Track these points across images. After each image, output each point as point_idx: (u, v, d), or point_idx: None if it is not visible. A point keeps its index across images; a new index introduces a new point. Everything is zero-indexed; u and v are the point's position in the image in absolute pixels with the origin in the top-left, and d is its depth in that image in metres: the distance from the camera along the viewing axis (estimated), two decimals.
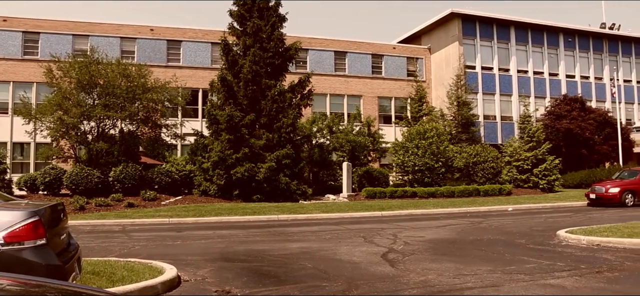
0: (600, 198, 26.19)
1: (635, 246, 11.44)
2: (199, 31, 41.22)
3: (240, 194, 27.81)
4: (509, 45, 47.87)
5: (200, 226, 18.71)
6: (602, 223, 15.74)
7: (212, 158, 27.53)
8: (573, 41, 50.75)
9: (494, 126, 46.65)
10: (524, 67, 48.44)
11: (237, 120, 28.03)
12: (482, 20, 46.63)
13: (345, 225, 18.33)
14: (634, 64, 53.99)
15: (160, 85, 30.65)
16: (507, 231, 15.43)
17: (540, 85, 48.93)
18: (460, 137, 41.18)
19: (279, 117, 29.35)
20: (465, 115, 42.17)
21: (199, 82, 39.56)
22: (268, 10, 30.90)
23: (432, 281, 8.23)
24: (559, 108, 44.22)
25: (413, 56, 47.99)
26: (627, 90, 52.50)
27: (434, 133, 34.20)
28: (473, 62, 46.01)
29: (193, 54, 40.72)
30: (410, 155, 33.69)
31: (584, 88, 50.34)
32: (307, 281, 8.52)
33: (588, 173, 40.14)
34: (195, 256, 11.23)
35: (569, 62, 50.69)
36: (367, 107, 44.54)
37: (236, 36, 31.10)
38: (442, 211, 24.07)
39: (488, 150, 37.19)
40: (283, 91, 30.25)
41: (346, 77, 44.86)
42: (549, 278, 8.30)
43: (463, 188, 32.31)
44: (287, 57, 31.20)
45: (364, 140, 36.17)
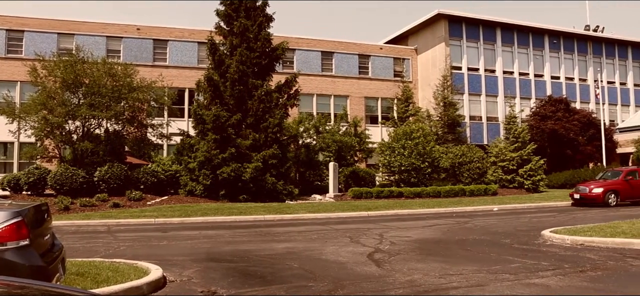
0: (584, 198, 26.43)
1: (617, 245, 11.55)
2: (185, 30, 41.06)
3: (226, 194, 27.75)
4: (495, 46, 48.15)
5: (186, 227, 18.64)
6: (585, 223, 15.88)
7: (198, 158, 27.44)
8: (558, 43, 51.17)
9: (479, 127, 46.89)
10: (510, 68, 48.75)
11: (223, 120, 27.95)
12: (468, 21, 46.86)
13: (331, 225, 18.34)
14: (617, 66, 54.57)
15: (146, 84, 30.49)
16: (493, 231, 15.51)
17: (525, 86, 49.26)
18: (446, 138, 41.34)
19: (265, 117, 29.32)
20: (452, 116, 42.35)
21: (185, 81, 39.40)
22: (255, 10, 30.85)
23: (418, 281, 8.26)
24: (544, 109, 44.55)
25: (400, 57, 48.12)
26: (610, 92, 53.02)
27: (420, 133, 34.30)
28: (459, 62, 46.23)
29: (179, 53, 40.55)
30: (397, 155, 33.77)
31: (569, 89, 50.77)
32: (293, 281, 8.52)
33: (572, 173, 40.50)
34: (181, 257, 11.19)
35: (554, 64, 51.10)
36: (353, 107, 44.60)
37: (223, 36, 31.03)
38: (428, 211, 24.16)
39: (474, 151, 37.39)
40: (270, 91, 30.22)
41: (333, 77, 44.89)
42: (534, 278, 8.36)
43: (449, 188, 32.45)
44: (274, 57, 31.17)
45: (351, 140, 36.21)
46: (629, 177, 27.11)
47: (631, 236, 11.94)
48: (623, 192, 26.54)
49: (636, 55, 55.71)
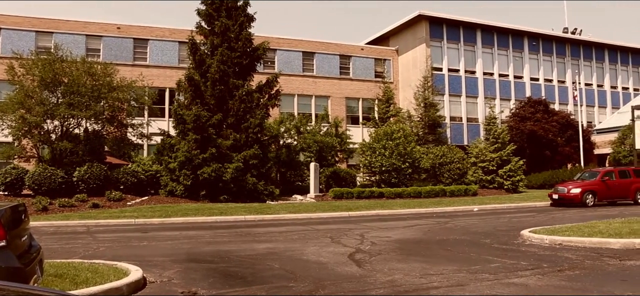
0: (563, 198, 26.74)
1: (594, 245, 11.70)
2: (166, 30, 40.81)
3: (207, 194, 27.64)
4: (475, 47, 48.52)
5: (167, 227, 18.54)
6: (564, 222, 16.06)
7: (179, 158, 27.29)
8: (537, 45, 51.72)
9: (460, 127, 47.22)
10: (490, 70, 49.15)
11: (204, 120, 27.84)
12: (449, 22, 47.16)
13: (312, 226, 18.35)
14: (595, 68, 55.35)
15: (126, 84, 30.29)
16: (473, 232, 15.62)
17: (505, 87, 49.72)
18: (427, 138, 41.56)
19: (246, 117, 29.25)
20: (432, 117, 42.58)
21: (165, 81, 39.17)
22: (236, 9, 30.77)
23: (399, 281, 8.30)
24: (524, 110, 44.97)
25: (381, 57, 48.27)
26: (588, 94, 53.75)
27: (401, 134, 34.43)
28: (440, 64, 46.50)
29: (160, 52, 40.29)
30: (378, 155, 33.88)
31: (548, 91, 51.35)
32: (274, 281, 8.52)
33: (551, 174, 40.96)
34: (161, 258, 11.13)
35: (533, 65, 51.64)
36: (334, 108, 44.65)
37: (204, 35, 30.90)
38: (409, 211, 24.27)
39: (454, 151, 37.62)
40: (251, 91, 30.16)
41: (314, 77, 44.90)
42: (513, 277, 8.44)
43: (429, 188, 32.62)
44: (255, 57, 31.11)
45: (332, 140, 36.25)
46: (606, 178, 27.49)
47: (608, 236, 12.10)
48: (600, 192, 26.91)
49: (612, 58, 56.60)
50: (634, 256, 10.28)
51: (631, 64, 57.90)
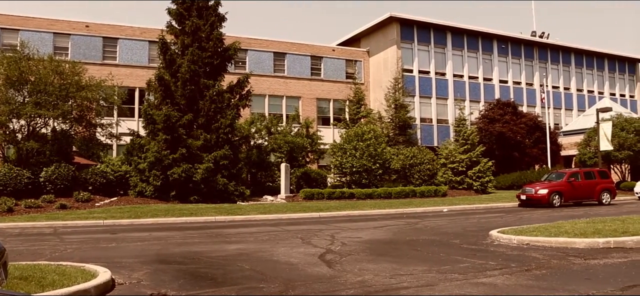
0: (530, 199, 27.16)
1: (560, 245, 11.92)
2: (136, 29, 40.37)
3: (177, 195, 27.44)
4: (446, 49, 49.01)
5: (136, 228, 18.36)
6: (531, 223, 16.28)
7: (149, 158, 27.04)
8: (506, 48, 52.48)
9: (430, 129, 47.62)
10: (460, 72, 49.70)
11: (174, 120, 27.64)
12: (419, 25, 47.55)
13: (283, 227, 18.35)
14: (562, 71, 56.40)
15: (95, 83, 29.89)
16: (442, 232, 15.77)
17: (475, 89, 50.32)
18: (397, 139, 41.81)
19: (217, 117, 29.12)
20: (403, 118, 42.86)
21: (135, 80, 38.76)
22: (207, 9, 30.60)
23: (369, 282, 8.34)
24: (493, 112, 45.54)
25: (352, 58, 48.44)
26: (555, 96, 54.74)
27: (371, 135, 34.59)
28: (411, 65, 46.85)
29: (130, 52, 39.84)
30: (348, 156, 33.99)
31: (516, 93, 52.13)
32: (245, 282, 8.49)
33: (519, 175, 41.57)
34: (130, 259, 11.02)
35: (502, 68, 52.36)
36: (305, 109, 44.67)
37: (174, 35, 30.67)
38: (379, 212, 24.40)
39: (424, 152, 37.89)
40: (221, 91, 30.03)
41: (285, 78, 44.87)
42: (482, 277, 8.55)
43: (400, 189, 32.82)
44: (226, 57, 30.99)
45: (303, 141, 36.26)
46: (572, 179, 28.01)
47: (573, 236, 12.33)
48: (566, 193, 27.42)
49: (578, 62, 57.75)
50: (598, 255, 10.50)
51: (596, 68, 59.18)
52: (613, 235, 12.12)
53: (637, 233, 12.20)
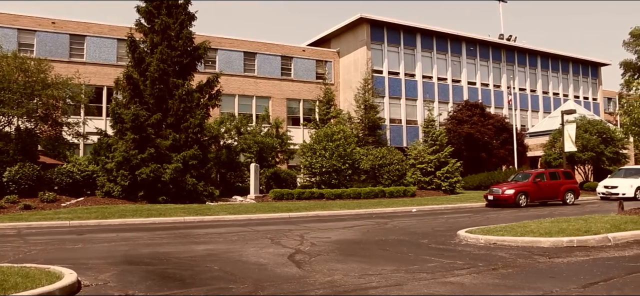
0: (497, 199, 27.55)
1: (526, 244, 12.13)
2: (104, 26, 39.81)
3: (145, 195, 27.18)
4: (415, 51, 49.40)
5: (103, 229, 18.13)
6: (498, 223, 16.50)
7: (117, 158, 26.72)
8: (474, 50, 53.13)
9: (399, 129, 47.95)
10: (429, 73, 50.14)
11: (143, 120, 27.37)
12: (389, 26, 47.83)
13: (252, 227, 18.31)
14: (528, 74, 57.36)
15: (61, 81, 29.39)
16: (411, 232, 15.90)
17: (443, 90, 50.84)
18: (367, 140, 42.01)
19: (186, 117, 28.93)
20: (372, 119, 43.07)
21: (103, 79, 38.24)
22: (177, 8, 30.37)
23: (338, 282, 8.39)
24: (461, 113, 46.04)
25: (322, 59, 48.53)
26: (522, 98, 55.62)
27: (341, 135, 34.71)
28: (380, 66, 47.11)
29: (98, 49, 39.26)
30: (318, 156, 34.05)
31: (484, 94, 52.81)
32: (213, 283, 8.47)
33: (487, 175, 42.13)
34: (97, 260, 10.88)
35: (470, 70, 53.00)
36: (275, 109, 44.61)
37: (144, 33, 30.36)
38: (348, 212, 24.50)
39: (393, 153, 38.14)
40: (191, 91, 29.84)
41: (255, 78, 44.75)
42: (450, 276, 8.66)
43: (369, 189, 33.00)
44: (195, 56, 30.79)
45: (272, 141, 36.21)
46: (538, 179, 28.51)
47: (539, 235, 12.57)
48: (532, 193, 27.88)
49: (544, 64, 58.83)
50: (562, 254, 10.73)
51: (561, 71, 60.35)
52: (576, 234, 12.41)
53: (599, 232, 12.51)
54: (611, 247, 11.64)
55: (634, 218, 15.03)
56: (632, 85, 20.59)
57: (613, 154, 41.68)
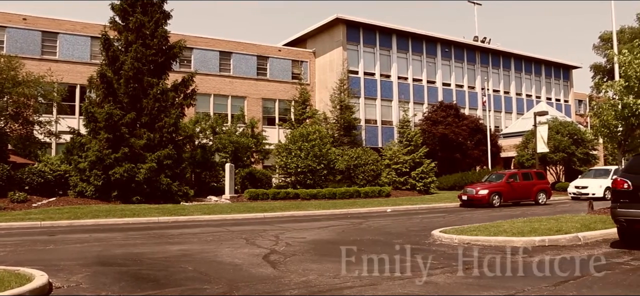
0: (471, 199, 27.81)
1: (500, 243, 12.28)
2: (77, 24, 39.30)
3: (119, 195, 26.91)
4: (391, 52, 49.65)
5: (76, 230, 17.91)
6: (472, 222, 16.66)
7: (90, 157, 26.41)
8: (449, 51, 53.60)
9: (374, 130, 48.15)
10: (404, 74, 50.44)
11: (116, 119, 27.10)
12: (365, 27, 48.01)
13: (227, 227, 18.25)
14: (502, 76, 58.05)
15: (33, 79, 28.98)
16: (386, 232, 15.97)
17: (419, 91, 51.17)
18: (342, 140, 42.11)
19: (161, 116, 28.72)
20: (348, 119, 43.20)
21: (76, 77, 37.75)
22: (152, 6, 30.11)
23: (313, 282, 8.40)
24: (436, 114, 46.42)
25: (298, 59, 48.53)
26: (495, 100, 56.26)
27: (316, 135, 34.74)
28: (356, 67, 47.26)
29: (71, 47, 38.74)
30: (293, 157, 34.04)
31: (459, 96, 53.30)
32: (188, 284, 8.42)
33: (461, 176, 42.54)
34: (69, 262, 10.74)
35: (445, 71, 53.44)
36: (251, 109, 44.49)
37: (118, 31, 30.04)
38: (323, 212, 24.53)
39: (369, 153, 38.29)
40: (166, 90, 29.63)
41: (231, 77, 44.58)
42: (424, 276, 8.73)
43: (344, 190, 33.08)
44: (170, 55, 30.57)
45: (248, 141, 36.10)
46: (511, 180, 28.87)
47: (511, 235, 12.74)
48: (505, 193, 28.22)
49: (517, 66, 59.62)
50: (534, 253, 10.88)
51: (534, 73, 61.20)
52: (548, 234, 12.62)
53: (570, 232, 12.75)
54: (581, 246, 11.85)
55: (603, 217, 15.32)
56: (601, 88, 21.03)
57: (583, 155, 42.42)
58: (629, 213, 10.98)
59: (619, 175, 11.69)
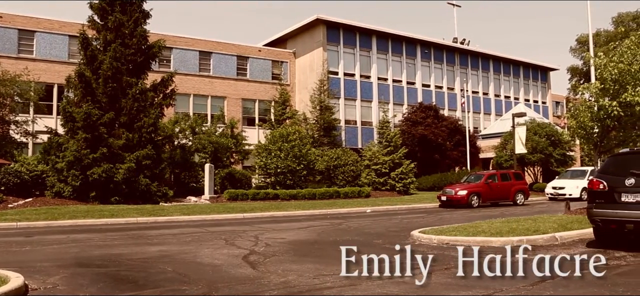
0: (450, 200, 27.99)
1: (478, 243, 12.36)
2: (55, 22, 38.85)
3: (97, 196, 26.66)
4: (371, 53, 49.82)
5: (53, 230, 17.70)
6: (451, 223, 16.76)
7: (67, 157, 26.13)
8: (429, 53, 53.92)
9: (354, 130, 48.27)
10: (384, 75, 50.64)
11: (95, 119, 26.84)
12: (345, 28, 48.11)
13: (206, 228, 18.17)
14: (481, 77, 58.58)
15: (9, 78, 28.66)
16: (366, 232, 16.01)
17: (398, 92, 51.41)
18: (322, 141, 42.15)
19: (140, 116, 28.52)
20: (328, 120, 43.25)
21: (54, 76, 37.32)
22: (131, 5, 29.87)
23: (293, 282, 8.40)
24: (415, 115, 46.66)
25: (278, 59, 48.49)
26: (474, 101, 56.74)
27: (296, 136, 34.72)
28: (336, 68, 47.34)
29: (48, 46, 38.28)
30: (273, 157, 33.99)
31: (438, 97, 53.66)
32: (167, 285, 8.38)
33: (440, 176, 42.79)
34: (46, 263, 10.62)
35: (425, 72, 53.75)
36: (231, 109, 44.36)
37: (96, 30, 29.74)
38: (303, 213, 24.52)
39: (348, 154, 38.36)
40: (145, 90, 29.42)
41: (211, 77, 44.41)
42: (403, 276, 8.76)
43: (324, 190, 33.10)
44: (150, 55, 30.34)
45: (227, 141, 35.99)
46: (490, 181, 29.11)
47: (490, 235, 12.86)
48: (484, 194, 28.44)
49: (496, 68, 60.19)
50: (512, 253, 10.98)
51: (512, 75, 61.85)
52: (526, 234, 12.77)
53: (547, 232, 12.92)
54: (558, 246, 12.01)
55: (579, 217, 15.55)
56: (578, 90, 21.32)
57: (561, 156, 42.91)
58: (604, 214, 11.16)
59: (595, 176, 11.87)
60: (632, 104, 16.87)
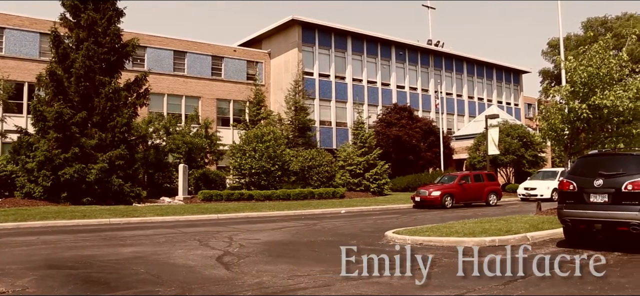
0: (424, 200, 28.15)
1: (451, 244, 12.50)
2: (25, 19, 38.23)
3: (69, 196, 26.31)
4: (346, 54, 49.95)
5: (22, 232, 17.40)
6: (425, 223, 16.89)
7: (38, 157, 25.75)
8: (404, 54, 54.24)
9: (329, 131, 48.35)
10: (359, 76, 50.82)
11: (67, 118, 26.48)
12: (321, 28, 48.17)
13: (180, 229, 18.04)
14: (455, 79, 59.12)
15: None
16: (340, 233, 16.04)
17: (373, 93, 51.63)
18: (297, 141, 42.15)
19: (113, 115, 28.22)
20: (302, 120, 43.27)
21: (24, 74, 36.72)
22: (104, 3, 29.53)
23: (267, 283, 8.39)
24: (390, 116, 46.91)
25: (253, 60, 48.37)
26: (448, 102, 57.24)
27: (271, 136, 34.67)
28: (311, 68, 47.38)
29: (18, 43, 37.64)
30: (248, 158, 33.88)
31: (412, 98, 54.02)
32: (139, 286, 8.31)
33: (414, 177, 43.07)
34: (14, 265, 10.43)
35: (399, 74, 54.06)
36: (205, 109, 44.13)
37: (69, 28, 29.35)
38: (278, 214, 24.49)
39: (323, 155, 38.40)
40: (118, 89, 29.11)
41: (185, 77, 44.12)
42: (377, 277, 8.81)
43: (299, 191, 33.11)
44: (123, 54, 30.04)
45: (201, 142, 35.80)
46: (463, 181, 29.35)
47: (463, 236, 13.00)
48: (457, 195, 28.66)
49: (470, 70, 60.83)
50: (485, 253, 11.09)
51: (486, 77, 62.57)
52: (498, 234, 12.93)
53: (519, 232, 13.11)
54: (530, 246, 12.17)
55: (550, 218, 15.81)
56: (549, 93, 21.60)
57: (532, 157, 43.47)
58: (574, 214, 11.36)
59: (565, 177, 12.07)
60: (601, 107, 17.19)
